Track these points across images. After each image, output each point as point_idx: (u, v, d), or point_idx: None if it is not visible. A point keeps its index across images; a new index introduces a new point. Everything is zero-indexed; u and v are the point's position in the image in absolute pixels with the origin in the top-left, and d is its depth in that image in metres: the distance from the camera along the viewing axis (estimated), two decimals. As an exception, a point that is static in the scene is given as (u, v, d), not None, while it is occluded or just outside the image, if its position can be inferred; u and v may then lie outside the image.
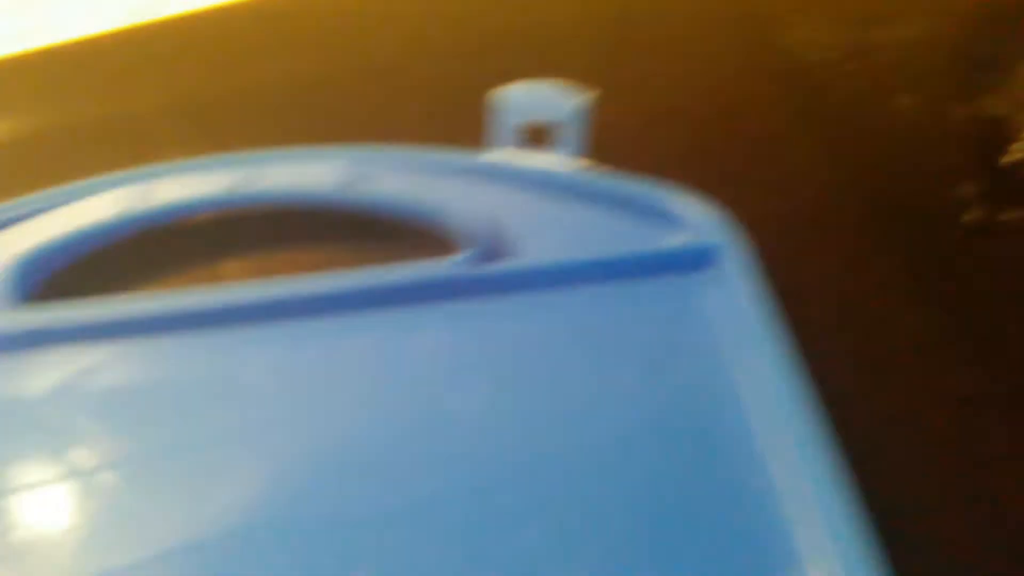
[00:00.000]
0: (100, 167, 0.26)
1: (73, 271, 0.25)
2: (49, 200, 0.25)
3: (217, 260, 0.26)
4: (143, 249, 0.26)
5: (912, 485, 0.22)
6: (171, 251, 0.26)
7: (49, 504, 0.20)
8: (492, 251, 0.24)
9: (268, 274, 0.24)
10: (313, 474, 0.21)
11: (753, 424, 0.21)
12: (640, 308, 0.24)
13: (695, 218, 0.25)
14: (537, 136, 0.26)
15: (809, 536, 0.19)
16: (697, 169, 0.27)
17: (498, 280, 0.24)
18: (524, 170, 0.26)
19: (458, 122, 0.27)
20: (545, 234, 0.25)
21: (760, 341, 0.22)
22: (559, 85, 0.25)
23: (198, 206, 0.25)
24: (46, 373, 0.23)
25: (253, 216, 0.27)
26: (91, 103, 0.32)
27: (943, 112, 0.31)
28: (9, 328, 0.23)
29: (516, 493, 0.20)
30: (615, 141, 0.26)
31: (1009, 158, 0.29)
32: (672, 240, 0.25)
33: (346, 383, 0.23)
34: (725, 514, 0.20)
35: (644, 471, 0.21)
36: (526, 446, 0.21)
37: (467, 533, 0.20)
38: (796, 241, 0.27)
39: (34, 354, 0.23)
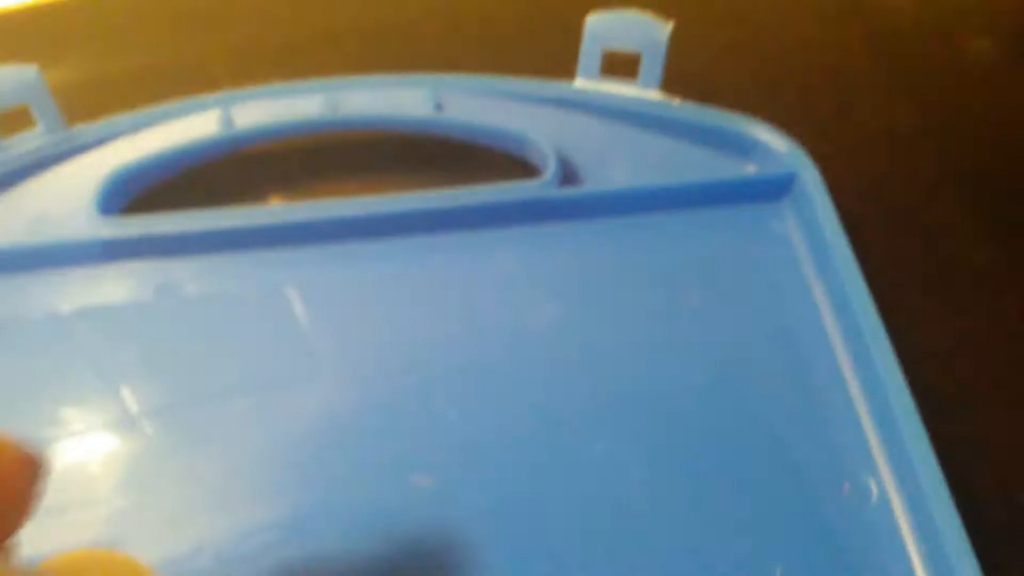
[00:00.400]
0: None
1: (167, 188, 0.26)
2: (146, 119, 0.26)
3: (303, 184, 0.27)
4: (233, 171, 0.27)
5: (973, 397, 0.23)
6: (259, 174, 0.27)
7: (132, 411, 0.22)
8: (574, 175, 0.25)
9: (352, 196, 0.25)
10: (398, 383, 0.22)
11: (832, 342, 0.22)
12: (718, 233, 0.25)
13: (771, 149, 0.25)
14: (620, 66, 0.26)
15: (883, 442, 0.20)
16: (772, 103, 0.27)
17: (580, 202, 0.25)
18: (606, 98, 0.26)
19: (544, 51, 0.27)
20: (625, 161, 0.26)
21: (835, 266, 0.23)
22: (643, 15, 0.25)
23: (292, 128, 0.26)
24: (133, 282, 0.24)
25: (338, 142, 0.28)
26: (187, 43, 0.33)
27: (1019, 54, 0.31)
28: (100, 237, 0.24)
29: (594, 410, 0.21)
30: (694, 73, 0.27)
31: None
32: (749, 169, 0.26)
33: (426, 299, 0.24)
34: (807, 425, 0.21)
35: (728, 386, 0.22)
36: (604, 365, 0.22)
37: (546, 445, 0.21)
38: (868, 176, 0.27)
39: (123, 264, 0.24)
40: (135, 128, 0.26)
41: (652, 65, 0.26)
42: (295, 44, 0.32)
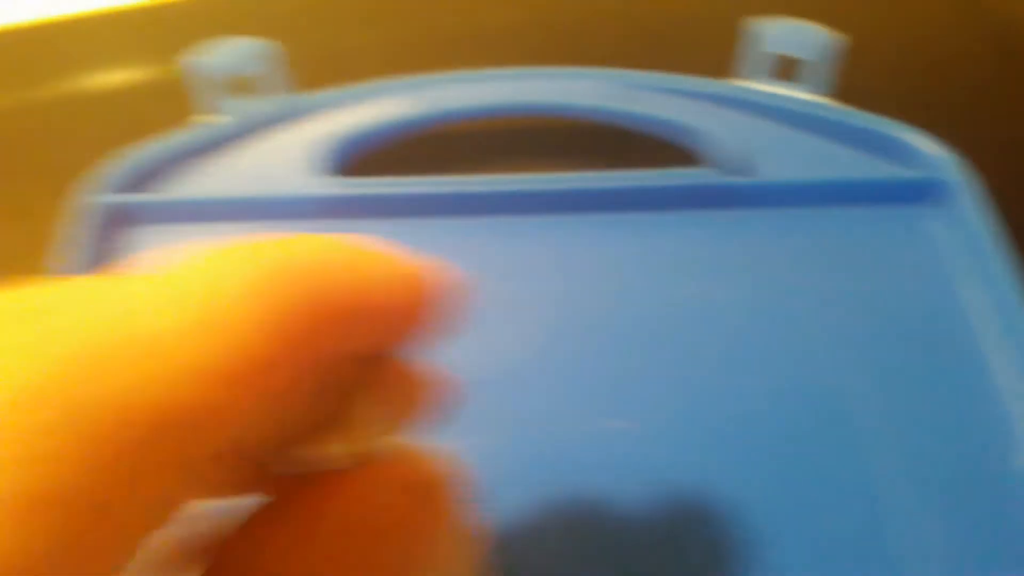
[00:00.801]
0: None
1: (372, 156, 0.30)
2: (361, 93, 0.30)
3: (487, 163, 0.30)
4: (425, 147, 0.30)
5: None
6: (452, 150, 0.30)
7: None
8: (738, 169, 0.28)
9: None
10: (592, 340, 0.25)
11: (979, 341, 0.24)
12: (870, 232, 0.27)
13: (929, 155, 0.27)
14: (785, 71, 0.28)
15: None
16: (929, 111, 0.29)
17: (744, 192, 0.27)
18: (772, 99, 0.29)
19: (711, 52, 0.30)
20: (785, 158, 0.28)
21: (990, 272, 0.25)
22: (812, 25, 0.27)
23: (488, 110, 0.29)
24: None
25: (507, 129, 0.31)
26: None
27: None
28: (318, 194, 0.28)
29: (760, 379, 0.24)
30: (856, 83, 0.29)
31: None
32: (907, 173, 0.28)
33: (604, 269, 0.26)
34: (957, 416, 0.23)
35: (878, 378, 0.24)
36: (762, 344, 0.25)
37: (719, 413, 0.23)
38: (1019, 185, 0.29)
39: (336, 222, 0.28)
40: (354, 100, 0.30)
41: (818, 70, 0.28)
42: (481, 36, 0.35)
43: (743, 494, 0.22)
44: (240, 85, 0.29)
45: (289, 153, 0.29)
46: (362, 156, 0.30)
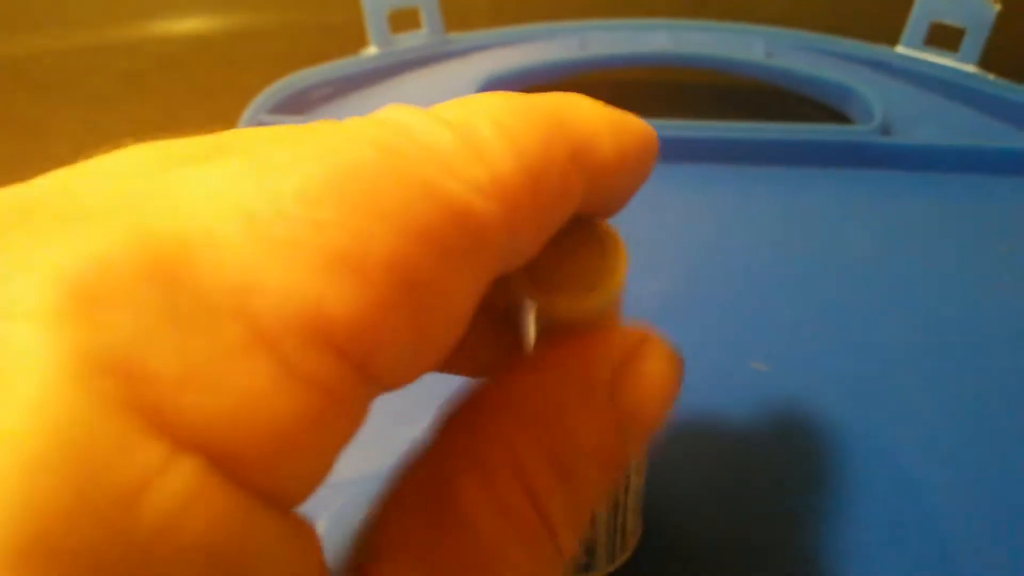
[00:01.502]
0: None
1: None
2: (511, 36, 0.30)
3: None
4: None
5: None
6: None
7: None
8: (889, 130, 0.28)
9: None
10: (737, 287, 0.25)
11: None
12: (1014, 200, 0.27)
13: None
14: (943, 38, 0.29)
15: None
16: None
17: (897, 152, 0.28)
18: (926, 66, 0.29)
19: (872, 18, 0.30)
20: (937, 124, 0.28)
21: None
22: (972, -6, 0.28)
23: (639, 59, 0.30)
24: None
25: (667, 80, 0.31)
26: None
27: None
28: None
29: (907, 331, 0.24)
30: (1011, 51, 0.29)
31: None
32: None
33: (746, 221, 0.27)
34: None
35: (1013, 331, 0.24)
36: (908, 301, 0.25)
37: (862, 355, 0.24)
38: None
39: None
40: (503, 42, 0.30)
41: (975, 41, 0.28)
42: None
43: (880, 441, 0.22)
44: (404, 21, 0.30)
45: (447, 87, 0.29)
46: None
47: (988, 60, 0.29)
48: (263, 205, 0.08)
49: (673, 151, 0.28)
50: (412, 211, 0.09)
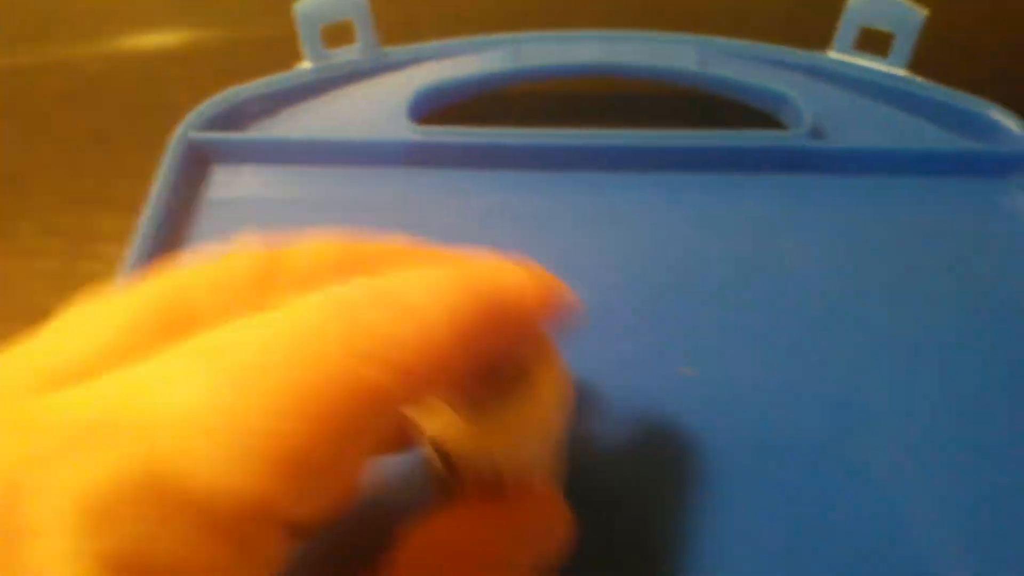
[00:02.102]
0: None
1: (456, 113, 0.30)
2: (446, 49, 0.30)
3: (562, 123, 0.31)
4: (502, 104, 0.31)
5: None
6: (536, 110, 0.31)
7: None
8: (820, 135, 0.28)
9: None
10: (666, 294, 0.25)
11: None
12: (947, 203, 0.27)
13: (1011, 130, 0.28)
14: (873, 43, 0.29)
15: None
16: (1010, 88, 0.30)
17: (827, 156, 0.28)
18: (856, 70, 0.29)
19: (801, 24, 0.30)
20: (868, 128, 0.29)
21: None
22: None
23: (570, 70, 0.30)
24: (428, 184, 0.28)
25: (599, 91, 0.31)
26: None
27: None
28: (408, 141, 0.28)
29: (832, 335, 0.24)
30: (938, 55, 0.29)
31: None
32: (981, 145, 0.28)
33: (678, 229, 0.27)
34: None
35: (943, 340, 0.24)
36: (836, 304, 0.25)
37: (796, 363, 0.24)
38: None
39: (421, 168, 0.28)
40: (437, 55, 0.30)
41: (904, 45, 0.28)
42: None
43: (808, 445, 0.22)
44: (337, 36, 0.30)
45: (381, 101, 0.29)
46: (446, 110, 0.30)
47: (917, 64, 0.29)
48: (221, 423, 0.11)
49: (607, 161, 0.28)
50: (339, 415, 0.12)
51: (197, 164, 0.28)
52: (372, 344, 0.12)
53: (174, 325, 0.13)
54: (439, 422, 0.15)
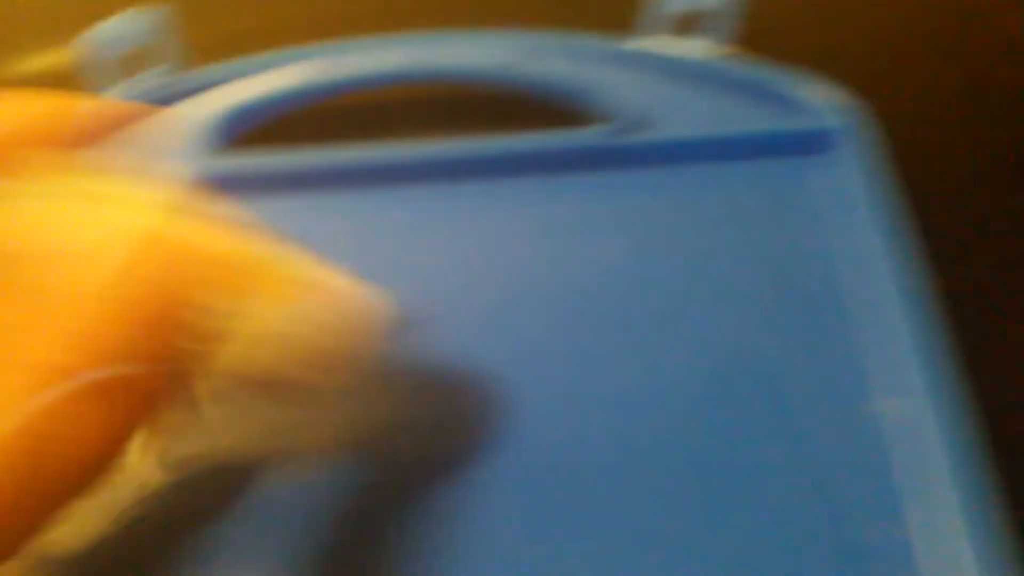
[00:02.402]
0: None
1: (265, 134, 0.29)
2: (254, 66, 0.30)
3: (376, 135, 0.30)
4: (317, 121, 0.30)
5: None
6: (345, 123, 0.30)
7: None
8: (634, 127, 0.27)
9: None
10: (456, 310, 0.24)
11: (845, 290, 0.24)
12: (768, 183, 0.26)
13: (817, 104, 0.27)
14: (688, 24, 0.28)
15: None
16: (830, 62, 0.29)
17: (637, 151, 0.27)
18: (667, 56, 0.28)
19: (611, 10, 0.29)
20: (685, 115, 0.27)
21: (869, 225, 0.24)
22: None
23: (374, 80, 0.29)
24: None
25: (400, 99, 0.31)
26: None
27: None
28: (214, 170, 0.27)
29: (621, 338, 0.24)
30: (755, 32, 0.28)
31: None
32: (795, 123, 0.27)
33: (482, 244, 0.26)
34: (833, 354, 0.23)
35: (748, 332, 0.23)
36: (634, 304, 0.24)
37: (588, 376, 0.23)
38: (919, 131, 0.29)
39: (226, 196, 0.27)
40: (246, 73, 0.29)
41: (718, 25, 0.27)
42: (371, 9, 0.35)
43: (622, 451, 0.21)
44: (134, 63, 0.29)
45: (181, 128, 0.28)
46: (254, 131, 0.29)
47: (733, 43, 0.28)
48: None
49: (411, 172, 0.27)
50: None
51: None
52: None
53: None
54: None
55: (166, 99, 0.29)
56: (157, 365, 0.14)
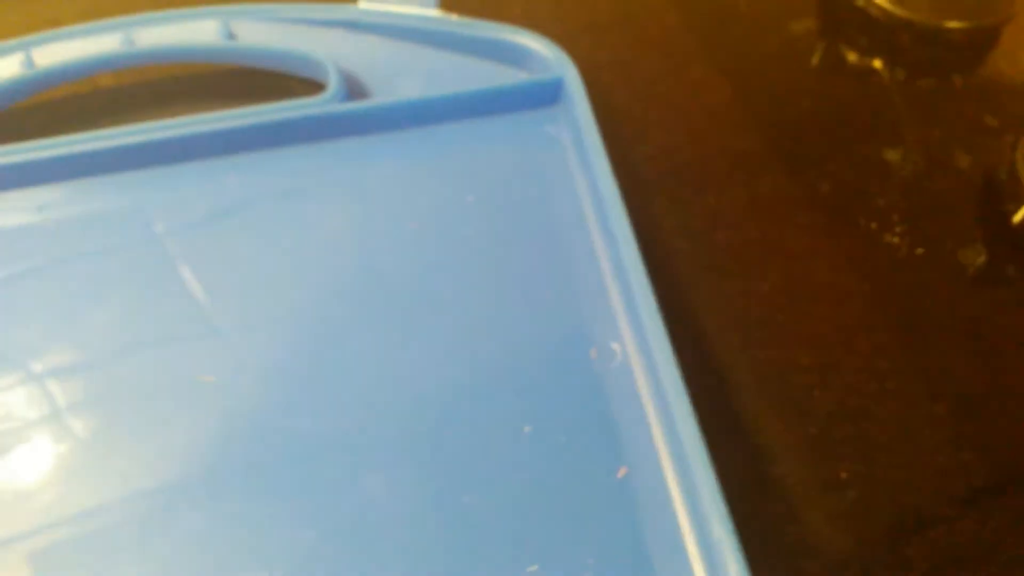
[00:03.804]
0: None
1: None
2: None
3: (105, 122, 0.29)
4: (38, 113, 0.28)
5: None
6: (63, 115, 0.29)
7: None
8: (360, 92, 0.27)
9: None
10: (195, 298, 0.24)
11: (589, 231, 0.24)
12: (495, 140, 0.27)
13: (541, 56, 0.27)
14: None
15: (626, 315, 0.23)
16: (551, 14, 0.29)
17: (361, 116, 0.26)
18: (389, 18, 0.28)
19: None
20: (410, 77, 0.28)
21: (592, 163, 0.25)
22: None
23: (91, 66, 0.27)
24: None
25: (134, 80, 0.29)
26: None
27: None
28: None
29: (371, 305, 0.23)
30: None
31: None
32: (522, 77, 0.28)
33: (211, 223, 0.25)
34: (563, 301, 0.23)
35: (496, 274, 0.24)
36: (381, 269, 0.24)
37: (324, 343, 0.23)
38: (642, 78, 0.30)
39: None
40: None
41: (428, -15, 0.27)
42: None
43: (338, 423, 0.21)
44: None
45: None
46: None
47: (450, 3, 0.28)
48: None
49: (128, 159, 0.26)
50: None
51: None
52: None
53: None
54: None
55: None
56: None
